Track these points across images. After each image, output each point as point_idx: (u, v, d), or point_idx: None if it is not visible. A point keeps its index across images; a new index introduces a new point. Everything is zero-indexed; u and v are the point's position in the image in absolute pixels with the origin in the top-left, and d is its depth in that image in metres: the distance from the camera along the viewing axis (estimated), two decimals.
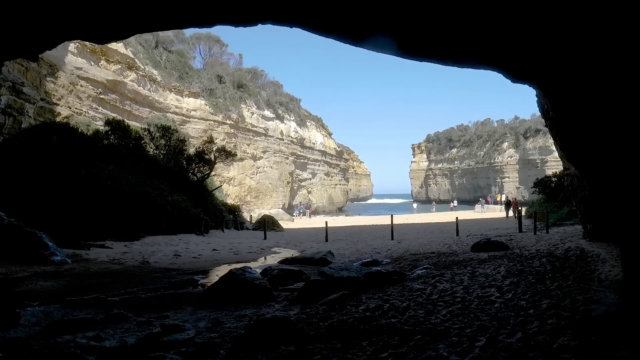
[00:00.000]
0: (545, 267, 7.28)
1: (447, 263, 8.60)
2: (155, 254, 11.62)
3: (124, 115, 32.53)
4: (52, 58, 26.28)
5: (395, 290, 6.27)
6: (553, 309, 4.68)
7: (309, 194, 63.42)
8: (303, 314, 5.01)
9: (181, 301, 6.31)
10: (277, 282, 7.10)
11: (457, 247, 11.70)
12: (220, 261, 10.96)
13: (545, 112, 7.67)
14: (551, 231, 14.28)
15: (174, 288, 7.36)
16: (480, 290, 5.85)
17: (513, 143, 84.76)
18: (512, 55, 5.12)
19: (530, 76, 5.64)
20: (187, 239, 15.31)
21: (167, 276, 8.73)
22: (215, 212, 20.22)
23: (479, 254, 9.66)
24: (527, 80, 5.84)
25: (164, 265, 10.03)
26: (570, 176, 9.29)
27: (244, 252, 12.58)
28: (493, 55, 5.30)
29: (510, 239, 12.66)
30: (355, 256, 11.33)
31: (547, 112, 7.36)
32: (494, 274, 6.97)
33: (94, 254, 10.93)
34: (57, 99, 26.09)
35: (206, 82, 44.35)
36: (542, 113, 8.74)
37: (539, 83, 5.92)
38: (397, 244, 14.06)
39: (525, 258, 8.51)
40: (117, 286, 7.42)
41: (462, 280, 6.60)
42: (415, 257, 9.93)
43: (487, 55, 5.31)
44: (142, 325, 5.20)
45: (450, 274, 7.15)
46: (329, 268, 6.49)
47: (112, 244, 12.72)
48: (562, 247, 9.62)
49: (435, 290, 5.99)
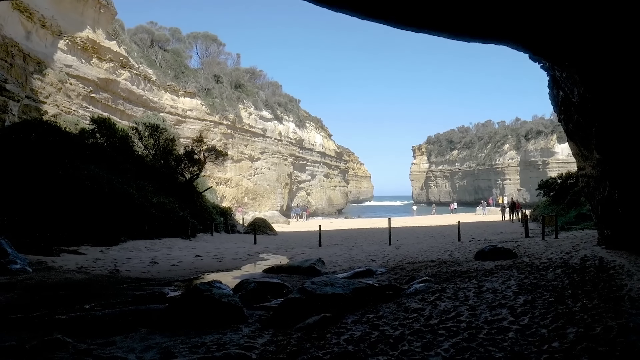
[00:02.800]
0: (562, 281, 6.32)
1: (449, 274, 7.65)
2: (131, 260, 10.67)
3: (116, 115, 31.65)
4: (40, 55, 25.41)
5: (388, 309, 5.32)
6: (583, 342, 3.73)
7: (308, 195, 62.46)
8: (271, 345, 4.06)
9: (138, 321, 5.36)
10: (252, 298, 6.15)
11: (459, 255, 10.74)
12: (200, 269, 10.01)
13: (562, 101, 6.75)
14: (560, 236, 13.31)
15: (138, 303, 6.41)
16: (490, 312, 4.90)
17: (514, 145, 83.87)
18: (536, 27, 4.18)
19: (554, 53, 4.70)
20: (171, 244, 14.37)
21: (136, 287, 7.79)
22: (204, 215, 19.27)
23: (484, 263, 8.71)
24: (548, 57, 4.90)
25: (136, 275, 9.09)
26: (586, 177, 8.35)
27: (228, 259, 11.63)
28: (513, 29, 4.36)
29: (517, 245, 11.71)
30: (348, 264, 10.37)
31: (564, 101, 6.43)
32: (504, 290, 6.02)
33: (62, 261, 9.99)
34: (44, 97, 25.14)
35: (203, 81, 43.48)
36: (555, 103, 7.80)
37: (567, 61, 4.95)
38: (394, 249, 13.11)
39: (537, 269, 7.55)
40: (72, 300, 6.49)
41: (466, 298, 5.64)
42: (414, 267, 8.97)
43: (506, 28, 4.37)
44: (78, 357, 4.27)
45: (452, 289, 6.20)
46: (310, 283, 5.55)
47: (87, 250, 11.79)
48: (577, 255, 8.66)
49: (435, 311, 5.03)
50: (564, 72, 5.34)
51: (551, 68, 6.07)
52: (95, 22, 30.51)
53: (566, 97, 6.51)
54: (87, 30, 29.66)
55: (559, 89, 6.91)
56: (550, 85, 7.90)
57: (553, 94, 7.69)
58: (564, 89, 6.25)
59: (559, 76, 5.69)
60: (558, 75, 5.70)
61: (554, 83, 6.96)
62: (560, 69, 5.23)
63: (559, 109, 7.44)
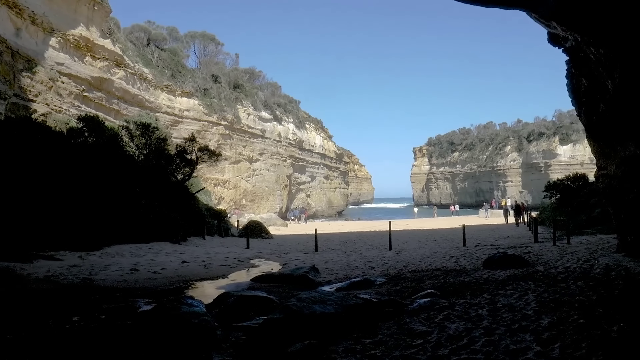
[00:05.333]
0: (588, 297, 5.49)
1: (457, 286, 6.82)
2: (110, 267, 9.85)
3: (110, 114, 30.93)
4: (30, 52, 24.69)
5: (388, 332, 4.49)
6: None
7: (307, 197, 61.62)
8: None
9: (81, 349, 4.39)
10: (231, 316, 5.33)
11: (465, 262, 9.91)
12: (183, 277, 9.19)
13: (585, 91, 5.93)
14: (572, 241, 12.48)
15: (98, 321, 5.55)
16: (510, 337, 4.07)
17: (516, 146, 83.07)
18: None
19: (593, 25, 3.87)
20: (159, 249, 13.55)
21: (108, 299, 6.96)
22: (197, 217, 18.46)
23: (495, 273, 7.88)
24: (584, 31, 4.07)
25: (111, 284, 8.27)
26: (608, 177, 7.53)
27: (216, 266, 10.81)
28: None
29: (528, 251, 10.88)
30: (345, 272, 9.54)
31: (588, 90, 5.60)
32: (522, 307, 5.19)
33: (33, 269, 9.17)
34: (33, 95, 24.37)
35: (200, 81, 42.75)
36: (574, 95, 6.97)
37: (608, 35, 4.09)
38: (395, 255, 12.27)
39: (556, 280, 6.72)
40: (14, 320, 5.48)
41: (480, 318, 4.82)
42: (417, 276, 8.14)
43: None
44: None
45: (462, 306, 5.37)
46: (297, 300, 4.73)
47: (65, 255, 10.97)
48: (597, 264, 7.83)
49: (444, 336, 4.20)
50: (601, 48, 4.51)
51: (579, 48, 5.24)
52: (89, 19, 29.80)
53: (591, 86, 5.71)
54: (81, 28, 28.94)
55: (581, 77, 6.12)
56: (569, 74, 7.10)
57: (572, 84, 6.88)
58: (594, 74, 5.41)
59: (594, 53, 4.82)
60: (594, 52, 4.83)
61: (575, 70, 6.17)
62: (596, 46, 4.40)
63: (579, 100, 6.63)
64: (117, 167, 16.69)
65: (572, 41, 5.20)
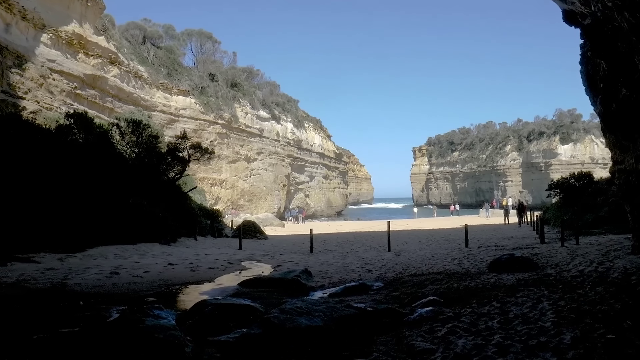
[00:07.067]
0: (611, 305, 4.87)
1: (462, 292, 6.19)
2: (89, 270, 9.22)
3: (104, 113, 30.33)
4: (20, 48, 24.05)
5: (384, 350, 3.87)
6: None
7: (306, 197, 60.98)
8: None
9: None
10: (207, 328, 4.69)
11: (469, 264, 9.28)
12: (166, 281, 8.56)
13: (603, 76, 5.31)
14: (581, 242, 11.87)
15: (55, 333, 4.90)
16: (528, 358, 3.45)
17: (516, 146, 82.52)
18: None
19: None
20: (146, 250, 12.92)
21: (80, 306, 6.35)
22: (189, 217, 17.84)
23: (502, 277, 7.25)
24: None
25: (87, 289, 7.64)
26: (625, 172, 6.91)
27: (204, 268, 10.17)
28: None
29: (535, 252, 10.25)
30: (340, 275, 8.91)
31: (607, 76, 4.99)
32: (538, 317, 4.57)
33: (5, 272, 8.55)
34: (23, 92, 23.74)
35: (197, 80, 42.15)
36: (589, 82, 6.35)
37: None
38: (394, 257, 11.65)
39: (571, 285, 6.10)
40: None
41: (490, 331, 4.19)
42: (417, 280, 7.51)
43: None
44: None
45: (469, 317, 4.74)
46: (279, 312, 4.12)
47: (44, 258, 10.34)
48: (613, 267, 7.21)
49: (450, 355, 3.58)
50: (639, 12, 3.88)
51: (601, 22, 4.63)
52: (82, 16, 29.16)
53: (612, 69, 5.10)
54: (73, 25, 28.29)
55: (600, 60, 5.51)
56: (584, 60, 6.49)
57: (587, 69, 6.28)
58: (620, 51, 4.79)
59: (629, 19, 4.16)
60: (628, 18, 4.17)
61: (593, 53, 5.56)
62: (631, 10, 3.77)
63: (596, 87, 6.03)
64: (105, 165, 16.07)
65: (596, 12, 4.58)
